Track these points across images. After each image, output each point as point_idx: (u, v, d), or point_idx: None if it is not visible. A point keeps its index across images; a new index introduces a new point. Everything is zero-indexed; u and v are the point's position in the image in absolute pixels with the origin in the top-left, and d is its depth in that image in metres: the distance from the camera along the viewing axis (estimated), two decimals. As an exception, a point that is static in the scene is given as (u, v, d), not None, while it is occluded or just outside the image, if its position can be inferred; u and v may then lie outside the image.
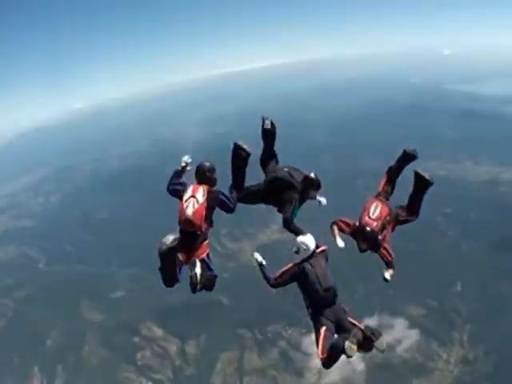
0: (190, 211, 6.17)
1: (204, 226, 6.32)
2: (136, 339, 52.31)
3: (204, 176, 6.46)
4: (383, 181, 7.48)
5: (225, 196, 6.55)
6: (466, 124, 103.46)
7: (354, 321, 6.42)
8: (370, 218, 6.78)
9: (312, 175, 6.89)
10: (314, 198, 7.29)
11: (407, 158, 7.38)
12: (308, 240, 6.65)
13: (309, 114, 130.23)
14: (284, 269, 6.72)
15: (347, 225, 7.06)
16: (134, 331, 53.20)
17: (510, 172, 77.47)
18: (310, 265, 6.49)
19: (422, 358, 45.81)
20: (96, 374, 48.21)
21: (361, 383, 44.32)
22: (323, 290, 6.35)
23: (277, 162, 7.34)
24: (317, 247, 6.73)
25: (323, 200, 7.41)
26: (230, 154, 6.98)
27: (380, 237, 6.73)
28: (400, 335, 48.26)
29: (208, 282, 6.43)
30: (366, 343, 5.96)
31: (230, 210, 6.65)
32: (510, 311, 48.35)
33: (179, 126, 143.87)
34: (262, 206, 7.54)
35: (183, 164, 6.63)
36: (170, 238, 6.38)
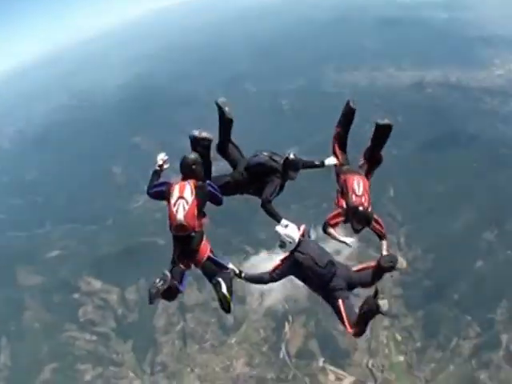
0: (180, 215, 5.68)
1: (198, 224, 5.85)
2: (76, 296, 50.37)
3: (190, 170, 5.97)
4: (337, 149, 7.49)
5: (213, 188, 6.15)
6: (387, 32, 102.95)
7: (362, 266, 6.40)
8: (357, 195, 6.67)
9: (291, 156, 6.72)
10: (293, 179, 6.96)
11: (349, 111, 7.43)
12: (291, 232, 6.25)
13: (231, 42, 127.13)
14: (275, 264, 6.34)
15: (337, 216, 6.78)
16: (73, 288, 51.12)
17: (434, 73, 77.51)
18: (301, 253, 6.12)
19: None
20: (40, 339, 46.28)
21: (304, 299, 43.93)
22: (324, 267, 6.05)
23: (236, 148, 7.11)
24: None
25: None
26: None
27: (367, 208, 6.56)
28: (339, 245, 47.85)
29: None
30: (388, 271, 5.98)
31: (219, 202, 6.33)
32: (444, 208, 48.85)
33: (100, 73, 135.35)
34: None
35: (160, 163, 6.18)
36: (159, 282, 5.68)
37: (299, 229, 6.38)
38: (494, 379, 36.62)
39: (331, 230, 6.81)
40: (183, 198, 5.74)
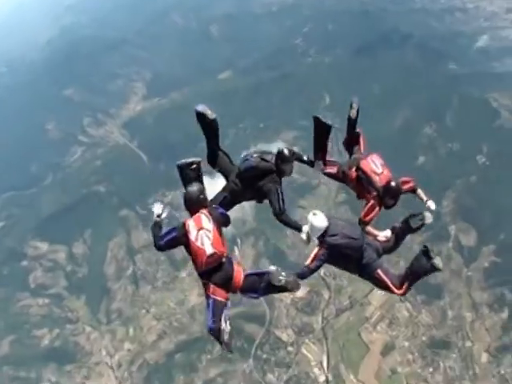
0: (208, 246, 5.25)
1: (224, 249, 5.40)
2: (24, 263, 48.19)
3: (198, 201, 5.56)
4: (349, 141, 7.33)
5: (222, 209, 5.92)
6: None
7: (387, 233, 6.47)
8: (379, 174, 6.42)
9: (285, 151, 6.30)
10: (289, 174, 6.46)
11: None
12: (319, 220, 5.95)
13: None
14: (313, 255, 6.02)
15: (371, 210, 6.39)
16: (20, 256, 48.79)
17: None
18: (332, 235, 5.91)
19: (303, 177, 44.95)
20: (-6, 316, 44.77)
21: (251, 220, 43.08)
22: (359, 239, 5.99)
23: (226, 155, 6.78)
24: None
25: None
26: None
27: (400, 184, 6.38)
28: None
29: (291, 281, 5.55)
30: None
31: (228, 222, 5.96)
32: (381, 109, 47.14)
33: (25, 33, 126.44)
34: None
35: (158, 212, 5.78)
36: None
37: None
38: (446, 269, 36.31)
39: (369, 228, 6.50)
40: (203, 228, 5.33)
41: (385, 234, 6.45)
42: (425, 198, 6.63)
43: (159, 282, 42.07)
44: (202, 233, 5.30)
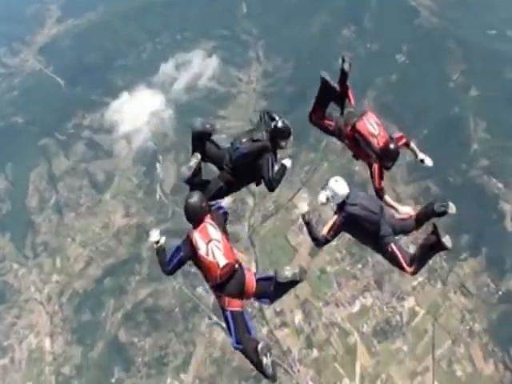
0: (221, 258, 5.00)
1: (235, 256, 5.21)
2: None
3: (200, 210, 5.19)
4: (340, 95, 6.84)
5: (222, 207, 5.66)
6: None
7: (403, 216, 6.32)
8: (376, 136, 6.29)
9: (280, 124, 5.82)
10: (285, 147, 6.05)
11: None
12: (340, 187, 5.84)
13: None
14: (330, 223, 5.87)
15: (380, 172, 6.34)
16: None
17: None
18: (352, 205, 5.76)
19: (223, 87, 43.67)
20: None
21: (171, 134, 40.89)
22: (378, 213, 5.84)
23: (212, 142, 6.02)
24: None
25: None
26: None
27: (395, 144, 6.31)
28: (198, 69, 45.11)
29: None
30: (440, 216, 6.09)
31: (227, 216, 5.78)
32: (299, 15, 45.86)
33: None
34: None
35: (156, 239, 5.34)
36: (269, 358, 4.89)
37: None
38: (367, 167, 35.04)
39: (388, 199, 6.35)
40: (211, 240, 5.03)
41: (406, 210, 6.30)
42: (419, 154, 6.69)
43: (83, 208, 39.86)
44: (212, 245, 5.04)
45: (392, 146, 6.12)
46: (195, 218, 5.16)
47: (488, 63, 38.93)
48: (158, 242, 5.30)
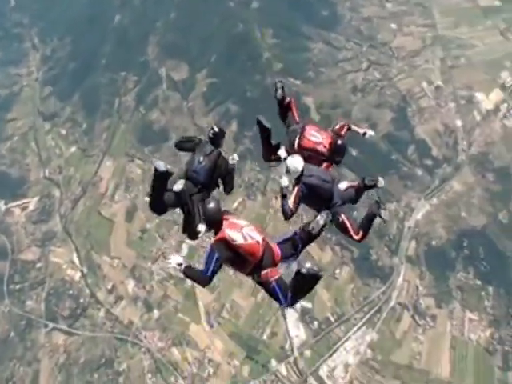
0: (257, 236, 5.43)
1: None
2: None
3: (221, 213, 5.52)
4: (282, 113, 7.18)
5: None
6: None
7: (347, 185, 6.56)
8: (321, 142, 6.61)
9: (216, 129, 6.42)
10: (222, 144, 6.56)
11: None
12: (296, 163, 6.28)
13: None
14: (293, 196, 6.23)
15: (328, 166, 6.79)
16: None
17: None
18: (308, 176, 6.27)
19: (5, 89, 40.70)
20: None
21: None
22: (330, 182, 6.35)
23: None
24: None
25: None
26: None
27: (340, 138, 6.75)
28: None
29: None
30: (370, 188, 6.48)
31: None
32: None
33: None
34: None
35: (179, 261, 5.49)
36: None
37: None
38: (167, 111, 34.76)
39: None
40: (243, 227, 5.46)
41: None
42: (361, 131, 7.13)
43: None
44: (245, 230, 5.40)
45: (339, 142, 6.57)
46: (219, 219, 5.44)
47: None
48: (181, 265, 5.47)
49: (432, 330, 26.26)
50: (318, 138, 6.63)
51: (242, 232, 5.39)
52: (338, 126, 6.97)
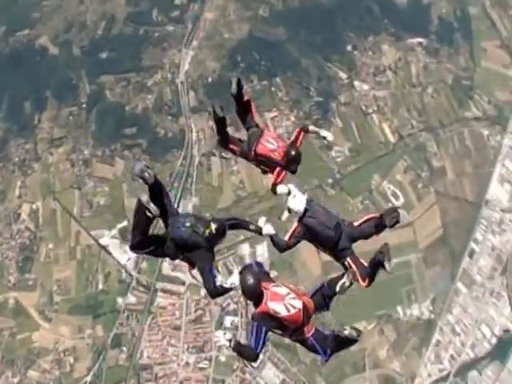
0: (297, 303, 4.92)
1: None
2: None
3: (260, 286, 4.89)
4: (240, 111, 6.52)
5: (261, 266, 5.43)
6: None
7: (363, 219, 5.98)
8: (276, 150, 6.10)
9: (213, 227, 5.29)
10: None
11: None
12: (298, 203, 5.77)
13: None
14: (291, 230, 5.81)
15: (280, 173, 6.20)
16: None
17: None
18: (310, 217, 5.77)
19: None
20: None
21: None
22: (333, 229, 5.69)
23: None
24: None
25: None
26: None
27: (296, 147, 6.20)
28: None
29: None
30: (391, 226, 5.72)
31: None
32: None
33: None
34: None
35: (229, 339, 4.89)
36: None
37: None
38: None
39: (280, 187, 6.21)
40: (284, 297, 4.91)
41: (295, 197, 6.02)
42: (320, 132, 6.64)
43: None
44: (287, 300, 4.92)
45: (292, 152, 6.05)
46: (258, 292, 4.89)
47: None
48: (230, 342, 4.92)
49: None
50: (273, 144, 6.25)
51: (284, 303, 4.95)
52: (295, 134, 6.53)
